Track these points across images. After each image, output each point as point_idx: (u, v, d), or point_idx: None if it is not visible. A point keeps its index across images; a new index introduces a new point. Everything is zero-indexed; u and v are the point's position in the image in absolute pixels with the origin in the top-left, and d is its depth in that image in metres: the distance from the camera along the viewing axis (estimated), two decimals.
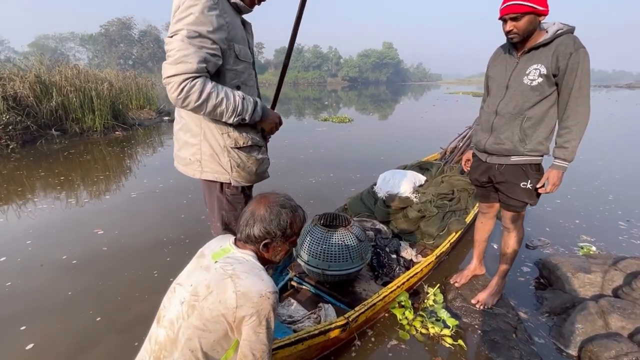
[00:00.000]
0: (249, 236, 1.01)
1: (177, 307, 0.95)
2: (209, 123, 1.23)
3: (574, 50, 1.40)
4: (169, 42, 1.09)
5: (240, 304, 0.89)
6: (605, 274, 1.98)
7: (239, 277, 0.93)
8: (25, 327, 1.87)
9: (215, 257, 1.00)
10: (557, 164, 1.53)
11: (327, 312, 1.72)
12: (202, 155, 1.26)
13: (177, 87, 1.06)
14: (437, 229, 2.54)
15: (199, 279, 0.96)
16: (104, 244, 2.76)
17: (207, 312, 0.90)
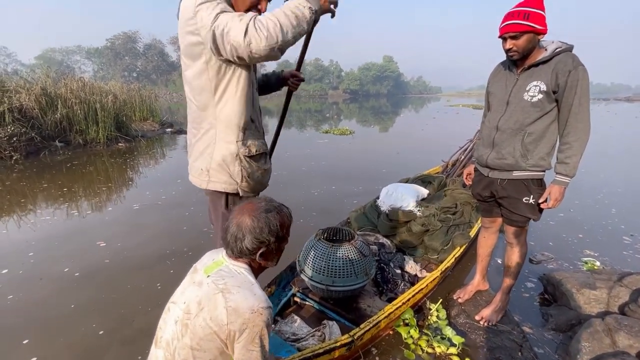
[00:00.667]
0: (242, 250, 0.97)
1: (172, 326, 0.94)
2: (223, 130, 1.23)
3: (572, 68, 1.43)
4: (219, 21, 1.05)
5: (232, 320, 0.86)
6: (611, 290, 1.96)
7: (230, 292, 0.90)
8: (27, 340, 1.86)
9: (208, 271, 0.98)
10: (559, 180, 1.54)
11: (331, 329, 1.69)
12: (212, 164, 1.25)
13: (258, 33, 1.01)
14: (441, 243, 2.53)
15: (191, 296, 0.94)
16: (107, 257, 2.76)
17: (200, 330, 0.88)
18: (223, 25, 1.03)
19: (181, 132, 10.84)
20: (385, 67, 73.45)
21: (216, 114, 1.21)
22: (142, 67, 55.84)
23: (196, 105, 1.25)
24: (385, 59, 75.29)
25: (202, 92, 1.20)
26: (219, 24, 1.04)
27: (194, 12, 1.08)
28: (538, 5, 1.46)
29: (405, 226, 2.80)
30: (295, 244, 2.26)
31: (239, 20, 1.02)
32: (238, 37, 1.02)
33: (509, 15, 1.50)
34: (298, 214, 3.69)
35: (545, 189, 1.62)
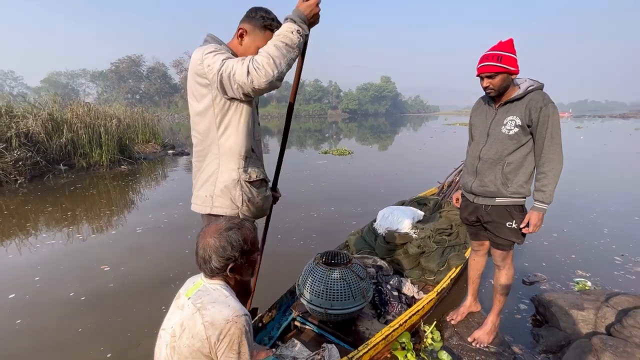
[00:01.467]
0: (213, 270, 1.04)
1: (164, 351, 1.01)
2: (227, 159, 1.35)
3: (543, 105, 1.58)
4: (225, 66, 1.20)
5: (210, 333, 0.92)
6: (598, 311, 2.03)
7: (206, 308, 0.96)
8: None
9: (188, 294, 1.05)
10: (537, 206, 1.66)
11: (330, 352, 1.75)
12: (215, 190, 1.36)
13: (258, 73, 1.15)
14: (437, 265, 2.60)
15: (175, 320, 1.01)
16: (110, 281, 2.83)
17: (185, 350, 0.95)
18: (230, 69, 1.19)
19: (183, 153, 11.04)
20: (383, 87, 75.11)
21: (219, 146, 1.35)
22: (145, 89, 57.15)
23: (201, 139, 1.39)
24: (383, 79, 77.08)
25: (207, 127, 1.35)
26: (225, 68, 1.20)
27: (201, 60, 1.24)
28: (509, 49, 1.63)
29: (402, 248, 2.88)
30: (296, 267, 2.35)
31: (242, 64, 1.18)
32: (242, 77, 1.17)
33: (484, 57, 1.67)
34: (298, 236, 3.79)
35: (526, 215, 1.73)
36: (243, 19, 1.39)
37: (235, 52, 1.40)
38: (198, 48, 1.29)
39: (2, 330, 2.23)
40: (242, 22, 1.39)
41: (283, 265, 3.04)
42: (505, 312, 2.37)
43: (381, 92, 74.41)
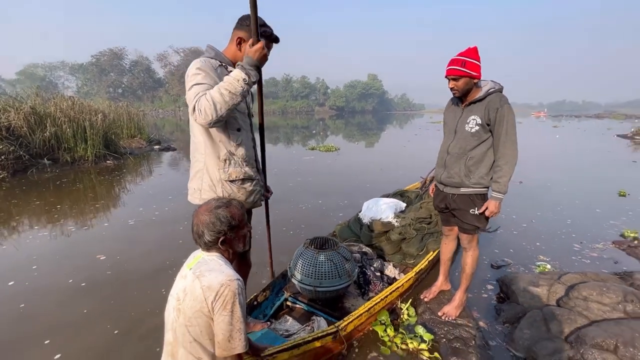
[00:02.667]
0: (207, 243, 1.21)
1: (172, 313, 1.20)
2: (210, 161, 1.57)
3: (499, 106, 1.82)
4: (187, 94, 1.43)
5: (207, 295, 1.09)
6: (551, 287, 2.33)
7: (203, 276, 1.13)
8: (48, 341, 2.07)
9: (190, 265, 1.23)
10: (494, 196, 1.91)
11: (319, 324, 1.97)
12: (203, 185, 1.59)
13: (199, 114, 1.36)
14: (417, 249, 2.86)
15: (180, 287, 1.19)
16: (108, 269, 2.96)
17: (188, 310, 1.12)
18: (187, 99, 1.44)
19: (169, 149, 11.00)
20: (370, 85, 75.69)
21: (205, 148, 1.57)
22: (127, 83, 55.69)
23: (193, 140, 1.63)
24: (370, 77, 77.64)
25: (196, 131, 1.58)
26: (187, 96, 1.44)
27: (187, 76, 1.46)
28: (473, 56, 1.87)
29: (385, 235, 3.13)
30: (287, 254, 2.54)
31: (192, 100, 1.39)
32: (190, 112, 1.41)
33: (451, 61, 1.90)
34: (287, 227, 3.98)
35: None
36: (238, 27, 1.55)
37: (234, 58, 1.58)
38: (194, 60, 1.48)
39: (9, 313, 2.36)
40: (238, 30, 1.55)
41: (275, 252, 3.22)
42: (474, 292, 2.65)
43: (368, 90, 74.98)
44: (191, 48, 54.44)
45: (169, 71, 55.23)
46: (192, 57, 52.66)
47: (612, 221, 4.37)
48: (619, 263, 3.21)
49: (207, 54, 1.56)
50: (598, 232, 3.98)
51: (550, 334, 1.94)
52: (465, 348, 1.97)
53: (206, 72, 1.44)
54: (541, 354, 1.78)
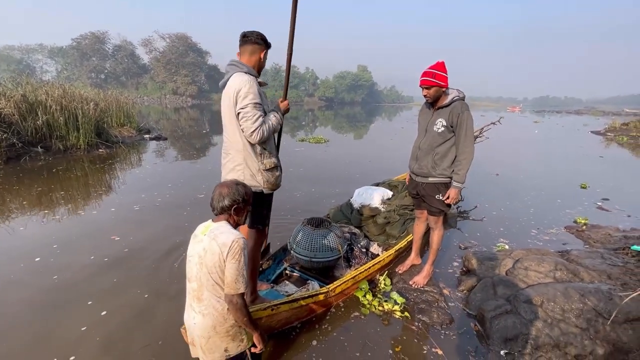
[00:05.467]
0: (223, 208, 1.51)
1: (195, 267, 1.49)
2: (249, 156, 1.95)
3: (460, 112, 2.25)
4: (245, 111, 1.85)
5: (223, 250, 1.40)
6: (502, 261, 2.82)
7: (218, 237, 1.44)
8: (91, 302, 2.47)
9: (203, 232, 1.52)
10: (454, 185, 2.35)
11: (313, 286, 2.44)
12: (245, 176, 1.98)
13: (258, 135, 1.86)
14: (399, 232, 3.35)
15: (199, 248, 1.49)
16: (124, 247, 3.33)
17: (209, 262, 1.43)
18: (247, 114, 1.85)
19: (160, 138, 11.12)
20: (359, 76, 75.74)
21: (244, 147, 1.94)
22: (111, 68, 53.94)
23: (228, 138, 1.99)
24: (359, 69, 77.64)
25: (233, 131, 1.94)
26: (245, 110, 1.85)
27: (242, 98, 1.84)
28: (442, 69, 2.29)
29: (372, 219, 3.61)
30: (286, 232, 2.98)
31: (254, 119, 1.85)
32: (248, 127, 1.85)
33: (423, 73, 2.32)
34: (285, 211, 4.40)
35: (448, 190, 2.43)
36: (257, 41, 1.96)
37: (256, 65, 1.99)
38: (240, 79, 1.84)
39: (45, 283, 2.71)
40: (258, 44, 1.96)
41: (276, 231, 3.62)
42: (441, 268, 3.13)
43: (358, 81, 75.04)
44: (177, 34, 53.06)
45: (155, 57, 53.69)
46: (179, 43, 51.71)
47: (569, 210, 4.96)
48: (567, 244, 3.77)
49: (243, 69, 1.91)
50: (554, 219, 4.55)
51: (497, 295, 2.43)
52: (429, 308, 2.45)
53: (257, 92, 1.86)
54: (487, 309, 2.26)
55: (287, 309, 2.04)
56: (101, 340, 2.12)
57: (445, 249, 3.49)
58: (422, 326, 2.31)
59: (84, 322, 2.27)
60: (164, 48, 53.27)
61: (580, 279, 2.43)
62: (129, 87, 53.27)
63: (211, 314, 1.47)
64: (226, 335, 1.50)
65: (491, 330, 2.14)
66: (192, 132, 13.93)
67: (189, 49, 52.84)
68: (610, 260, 2.75)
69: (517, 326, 2.07)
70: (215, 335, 1.49)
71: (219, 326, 1.48)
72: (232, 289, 1.43)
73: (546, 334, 2.00)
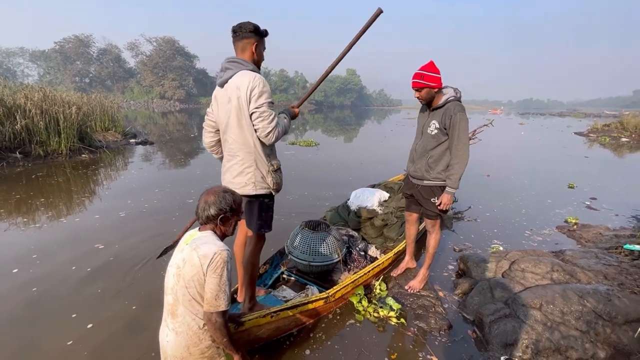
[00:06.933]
0: (208, 217, 1.41)
1: (172, 279, 1.39)
2: (259, 157, 1.87)
3: (453, 114, 2.20)
4: (261, 110, 1.76)
5: (203, 262, 1.30)
6: (498, 263, 2.79)
7: (199, 247, 1.34)
8: (75, 315, 2.32)
9: (186, 241, 1.42)
10: (447, 190, 2.30)
11: (312, 291, 2.36)
12: (256, 178, 1.89)
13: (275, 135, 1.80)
14: (397, 234, 3.30)
15: (178, 258, 1.39)
16: (109, 255, 3.17)
17: (187, 275, 1.32)
18: (264, 123, 1.78)
19: (146, 142, 10.87)
20: (348, 80, 76.24)
21: (255, 149, 1.86)
22: (96, 72, 52.88)
23: (235, 139, 1.87)
24: (348, 72, 78.15)
25: (244, 134, 1.84)
26: (260, 109, 1.76)
27: (256, 99, 1.75)
28: (430, 69, 2.24)
29: (370, 221, 3.55)
30: (282, 235, 2.89)
31: (270, 119, 1.76)
32: (263, 132, 1.78)
33: (413, 75, 2.29)
34: (279, 214, 4.29)
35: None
36: (245, 35, 1.82)
37: (252, 60, 1.87)
38: (251, 77, 1.74)
39: (24, 296, 2.55)
40: (247, 38, 1.82)
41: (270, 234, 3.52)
42: (437, 271, 3.08)
43: (347, 85, 75.50)
44: (164, 37, 52.43)
45: (141, 61, 52.88)
46: (166, 47, 51.07)
47: (559, 210, 5.00)
48: (559, 244, 3.78)
49: (249, 67, 1.81)
50: (546, 220, 4.57)
51: (494, 299, 2.39)
52: (426, 314, 2.38)
53: (269, 91, 1.80)
54: (485, 313, 2.21)
55: (287, 316, 1.96)
56: (89, 355, 1.99)
57: (439, 252, 3.44)
58: (418, 332, 2.24)
59: (70, 336, 2.13)
60: (150, 52, 52.58)
61: (577, 279, 2.41)
62: (114, 91, 52.32)
63: (185, 332, 1.36)
64: (201, 357, 1.38)
65: (490, 335, 2.09)
66: (180, 136, 13.68)
67: (177, 52, 52.28)
68: (605, 259, 2.74)
69: (516, 330, 2.02)
70: (189, 356, 1.37)
71: (193, 347, 1.37)
72: (211, 306, 1.32)
73: (546, 337, 1.95)
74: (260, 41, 1.87)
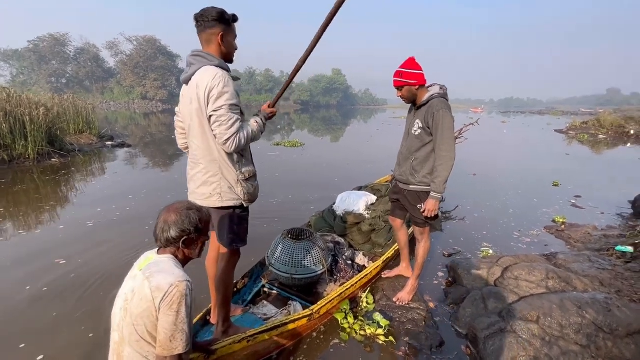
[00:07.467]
0: (168, 240, 1.22)
1: (119, 313, 1.19)
2: (225, 165, 1.63)
3: (436, 111, 2.03)
4: (219, 114, 1.51)
5: (155, 295, 1.10)
6: (490, 270, 2.65)
7: (153, 277, 1.14)
8: (24, 344, 2.04)
9: (140, 266, 1.23)
10: (432, 195, 2.11)
11: (295, 308, 2.14)
12: (222, 189, 1.65)
13: (234, 143, 1.54)
14: (385, 239, 3.12)
15: (128, 287, 1.19)
16: (70, 272, 2.87)
17: (135, 309, 1.12)
18: (220, 117, 1.50)
19: (123, 145, 10.40)
20: (334, 80, 76.17)
21: (219, 155, 1.62)
22: (73, 72, 50.92)
23: (198, 145, 1.63)
24: (334, 72, 78.08)
25: (206, 138, 1.60)
26: (218, 112, 1.50)
27: (210, 88, 1.49)
28: (410, 66, 2.09)
29: (357, 227, 3.35)
30: (263, 244, 2.66)
31: (229, 124, 1.50)
32: (222, 133, 1.52)
33: (394, 74, 2.11)
34: (261, 220, 4.07)
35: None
36: (208, 25, 1.55)
37: (220, 53, 1.62)
38: (211, 74, 1.49)
39: None
40: (211, 28, 1.55)
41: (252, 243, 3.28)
42: (426, 279, 2.92)
43: (332, 85, 75.43)
44: (145, 36, 50.95)
45: (121, 61, 51.21)
46: (147, 46, 49.61)
47: (546, 209, 4.96)
48: (548, 245, 3.70)
49: (214, 62, 1.56)
50: (534, 220, 4.51)
51: (488, 310, 2.24)
52: (416, 329, 2.21)
53: (233, 90, 1.54)
54: (479, 328, 2.06)
55: (265, 339, 1.74)
56: None
57: (429, 258, 3.28)
58: (409, 351, 2.06)
59: None
60: (131, 51, 51.01)
61: (573, 287, 2.29)
62: (94, 91, 50.59)
63: None
64: None
65: (485, 352, 1.94)
66: (162, 138, 13.18)
67: (158, 52, 50.90)
68: (598, 263, 2.65)
69: (513, 347, 1.87)
70: None
71: None
72: (165, 349, 1.10)
73: (545, 354, 1.81)
74: (227, 30, 1.60)
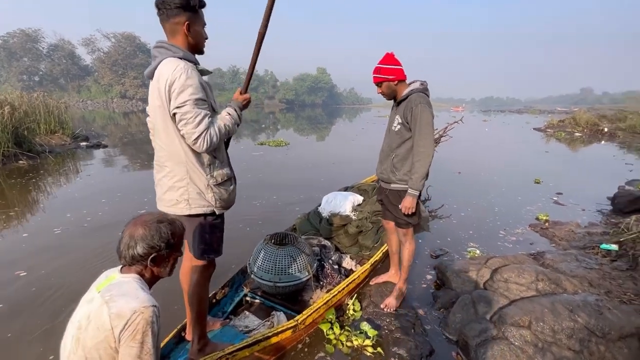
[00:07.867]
0: (134, 257, 1.07)
1: (70, 343, 1.02)
2: (193, 168, 1.46)
3: (414, 106, 1.96)
4: (183, 111, 1.34)
5: (115, 324, 0.95)
6: (479, 272, 2.59)
7: (114, 301, 0.98)
8: None
9: (99, 287, 1.05)
10: (409, 192, 2.04)
11: (279, 318, 1.99)
12: (190, 195, 1.49)
13: (205, 142, 1.38)
14: (372, 241, 3.01)
15: (82, 313, 1.02)
16: (31, 285, 2.63)
17: (89, 341, 0.96)
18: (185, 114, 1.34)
19: (99, 145, 9.95)
20: (319, 79, 76.02)
21: (186, 157, 1.44)
22: (46, 70, 48.74)
23: (162, 146, 1.47)
24: (319, 71, 77.93)
25: (173, 142, 1.43)
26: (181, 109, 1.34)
27: (171, 82, 1.32)
28: (388, 61, 2.03)
29: (343, 229, 3.23)
30: (246, 249, 2.49)
31: (195, 121, 1.35)
32: (189, 132, 1.36)
33: (373, 70, 2.06)
34: (244, 224, 3.89)
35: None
36: (171, 13, 1.36)
37: (187, 45, 1.44)
38: (172, 67, 1.33)
39: None
40: (175, 17, 1.37)
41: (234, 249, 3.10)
42: (414, 283, 2.83)
43: (317, 83, 75.28)
44: (123, 33, 49.27)
45: (98, 58, 49.34)
46: (126, 43, 47.98)
47: (529, 207, 4.99)
48: (534, 244, 3.69)
49: (177, 53, 1.38)
50: (518, 218, 4.52)
51: (478, 315, 2.17)
52: (405, 337, 2.10)
53: (198, 83, 1.37)
54: (470, 335, 1.98)
55: (245, 355, 1.59)
56: None
57: (415, 259, 3.19)
58: None
59: None
60: (108, 48, 49.23)
61: (563, 288, 2.25)
62: (69, 90, 48.59)
63: None
64: None
65: None
66: (142, 138, 12.68)
67: (138, 49, 49.34)
68: (585, 262, 2.63)
69: (505, 354, 1.80)
70: None
71: None
72: None
73: None
74: (193, 18, 1.41)
